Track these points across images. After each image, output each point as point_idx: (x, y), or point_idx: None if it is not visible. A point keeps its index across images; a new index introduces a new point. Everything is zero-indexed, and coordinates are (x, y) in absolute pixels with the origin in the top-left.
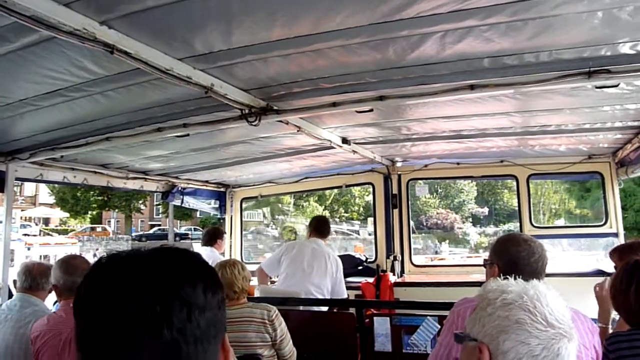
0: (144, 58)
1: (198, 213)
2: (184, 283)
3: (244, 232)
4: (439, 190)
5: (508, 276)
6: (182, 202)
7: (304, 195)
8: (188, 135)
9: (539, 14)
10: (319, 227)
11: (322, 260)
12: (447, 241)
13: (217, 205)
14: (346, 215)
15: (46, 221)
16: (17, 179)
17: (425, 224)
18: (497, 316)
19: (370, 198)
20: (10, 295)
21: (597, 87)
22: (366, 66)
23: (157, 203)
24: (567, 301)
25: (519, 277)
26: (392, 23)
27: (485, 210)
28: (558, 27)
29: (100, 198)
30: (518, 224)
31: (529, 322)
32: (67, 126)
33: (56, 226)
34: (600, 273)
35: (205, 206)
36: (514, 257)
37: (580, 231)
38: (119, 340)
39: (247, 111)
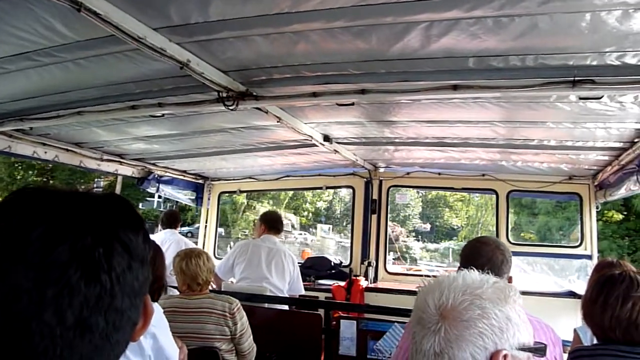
0: (115, 22)
1: (141, 205)
2: (127, 228)
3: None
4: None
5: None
6: (157, 190)
7: (258, 196)
8: (163, 115)
9: (526, 10)
10: (272, 223)
11: (279, 260)
12: (391, 253)
13: (193, 197)
14: (296, 222)
15: None
16: None
17: None
18: None
19: (321, 205)
20: None
21: (581, 98)
22: (349, 56)
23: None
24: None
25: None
26: (376, 7)
27: (428, 226)
28: (544, 28)
29: (39, 179)
30: (460, 242)
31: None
32: (36, 96)
33: None
34: (572, 294)
35: (182, 196)
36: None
37: (556, 251)
38: (48, 283)
39: (224, 94)
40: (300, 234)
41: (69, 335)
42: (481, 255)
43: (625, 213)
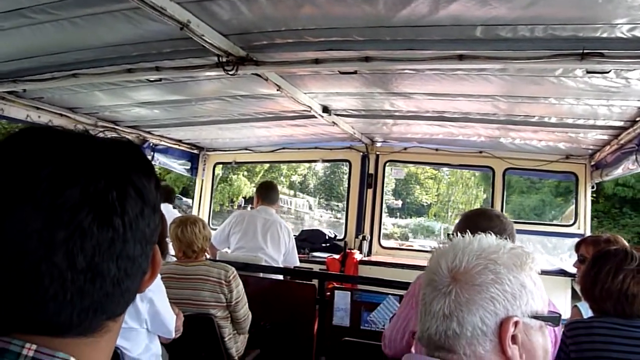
0: None
1: None
2: (140, 173)
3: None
4: None
5: None
6: (152, 159)
7: (233, 169)
8: (160, 80)
9: None
10: (268, 194)
11: (275, 231)
12: None
13: (188, 167)
14: None
15: None
16: None
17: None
18: None
19: (296, 178)
20: None
21: (587, 72)
22: (354, 21)
23: None
24: None
25: None
26: None
27: (400, 203)
28: None
29: None
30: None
31: None
32: (31, 56)
33: None
34: (562, 273)
35: (177, 166)
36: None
37: (550, 230)
38: (59, 225)
39: (224, 59)
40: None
41: (80, 279)
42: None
43: (594, 195)
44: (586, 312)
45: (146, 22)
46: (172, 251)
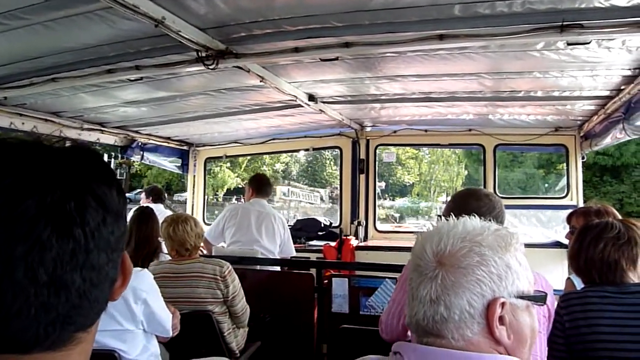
0: None
1: None
2: (99, 181)
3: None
4: None
5: None
6: (142, 158)
7: (219, 162)
8: (142, 79)
9: None
10: (261, 187)
11: (269, 223)
12: None
13: (179, 164)
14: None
15: None
16: None
17: (331, 194)
18: None
19: (279, 166)
20: None
21: (569, 44)
22: (331, 7)
23: None
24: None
25: None
26: None
27: (383, 184)
28: None
29: None
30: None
31: None
32: (8, 63)
33: None
34: (558, 244)
35: (167, 164)
36: (475, 212)
37: (542, 203)
38: (16, 239)
39: (203, 53)
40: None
41: (43, 293)
42: (480, 207)
43: None
44: (579, 284)
45: (121, 21)
46: (165, 249)
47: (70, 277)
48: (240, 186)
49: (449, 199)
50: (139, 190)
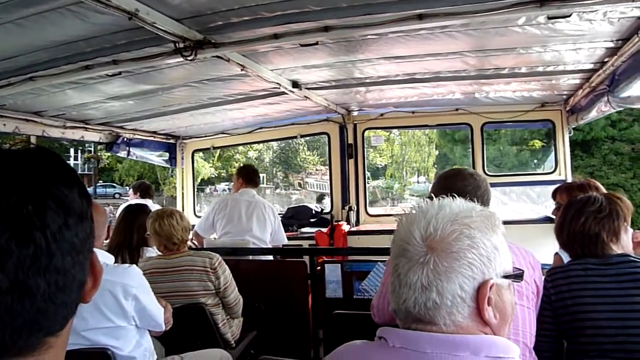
0: None
1: None
2: (58, 183)
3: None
4: (318, 147)
5: None
6: (128, 154)
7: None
8: (120, 74)
9: None
10: (250, 176)
11: (259, 212)
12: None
13: (167, 158)
14: (225, 174)
15: None
16: None
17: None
18: None
19: (252, 154)
20: None
21: (550, 18)
22: None
23: None
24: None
25: None
26: None
27: None
28: None
29: None
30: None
31: None
32: None
33: None
34: (548, 220)
35: (155, 158)
36: (461, 192)
37: (531, 179)
38: None
39: (181, 45)
40: (227, 185)
41: (7, 300)
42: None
43: (545, 141)
44: (566, 258)
45: (94, 15)
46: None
47: (34, 282)
48: (213, 176)
49: (421, 178)
50: (108, 183)
